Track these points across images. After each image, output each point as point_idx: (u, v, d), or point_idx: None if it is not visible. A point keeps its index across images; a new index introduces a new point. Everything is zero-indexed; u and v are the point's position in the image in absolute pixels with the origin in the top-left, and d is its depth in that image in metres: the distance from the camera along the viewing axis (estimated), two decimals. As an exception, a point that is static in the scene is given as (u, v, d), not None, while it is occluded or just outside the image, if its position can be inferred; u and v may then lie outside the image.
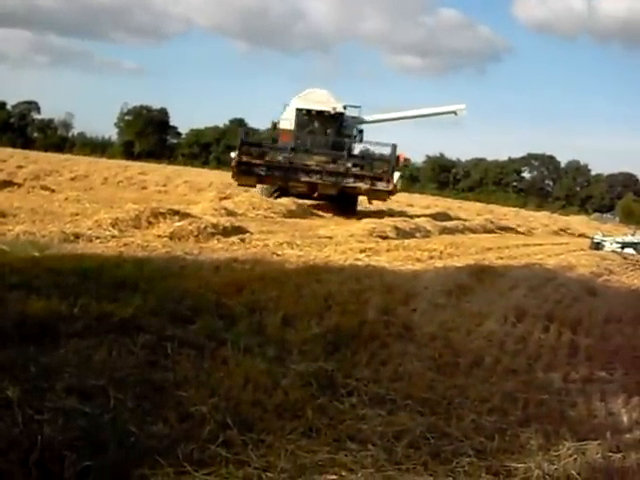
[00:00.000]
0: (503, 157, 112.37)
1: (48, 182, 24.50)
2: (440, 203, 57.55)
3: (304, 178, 26.35)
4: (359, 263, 11.95)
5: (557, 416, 5.26)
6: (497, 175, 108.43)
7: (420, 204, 49.24)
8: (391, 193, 27.40)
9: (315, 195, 27.44)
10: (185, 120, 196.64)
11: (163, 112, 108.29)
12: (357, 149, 30.12)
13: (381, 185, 26.23)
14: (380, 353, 6.35)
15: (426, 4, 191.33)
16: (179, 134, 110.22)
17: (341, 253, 13.18)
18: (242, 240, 13.34)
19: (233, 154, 27.23)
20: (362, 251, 13.82)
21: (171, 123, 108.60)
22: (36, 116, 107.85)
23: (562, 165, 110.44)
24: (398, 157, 27.29)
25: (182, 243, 12.05)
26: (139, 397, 4.53)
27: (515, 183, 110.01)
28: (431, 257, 14.38)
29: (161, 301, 6.91)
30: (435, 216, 31.19)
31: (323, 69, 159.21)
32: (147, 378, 4.87)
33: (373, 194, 27.44)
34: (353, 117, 30.19)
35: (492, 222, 33.92)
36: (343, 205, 27.45)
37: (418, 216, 28.99)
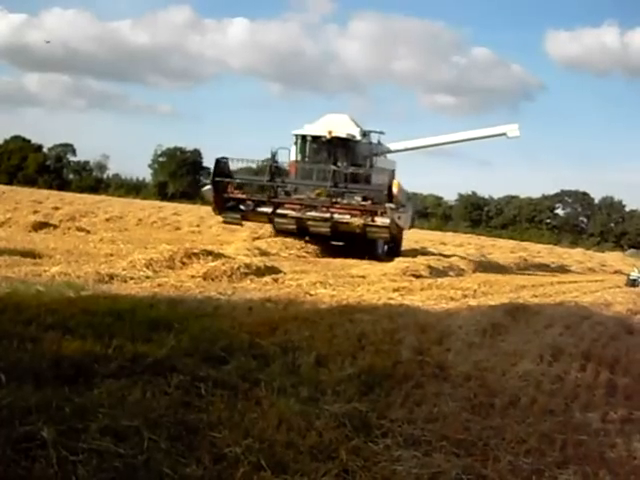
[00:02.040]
0: (536, 194, 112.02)
1: (83, 223, 24.77)
2: (473, 241, 57.40)
3: (292, 214, 23.52)
4: (392, 302, 11.89)
5: (596, 457, 5.17)
6: (530, 212, 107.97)
7: (453, 242, 49.14)
8: (394, 230, 23.63)
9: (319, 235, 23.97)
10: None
11: (196, 153, 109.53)
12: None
13: (380, 221, 22.53)
14: (414, 393, 6.30)
15: (459, 43, 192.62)
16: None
17: (374, 292, 13.14)
18: (275, 280, 13.35)
19: (206, 188, 25.50)
20: (395, 290, 13.77)
21: (204, 164, 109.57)
22: (72, 158, 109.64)
23: (596, 201, 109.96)
24: (390, 187, 22.72)
25: (215, 283, 12.08)
26: (173, 438, 4.53)
27: (549, 220, 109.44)
28: (465, 296, 14.28)
29: (195, 341, 6.93)
30: (468, 254, 31.07)
31: (358, 110, 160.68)
32: (181, 419, 4.87)
33: (372, 232, 22.96)
34: (372, 144, 26.68)
35: (526, 260, 33.73)
36: (358, 247, 23.43)
37: (451, 255, 28.87)
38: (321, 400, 5.71)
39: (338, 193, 23.28)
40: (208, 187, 25.09)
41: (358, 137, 25.55)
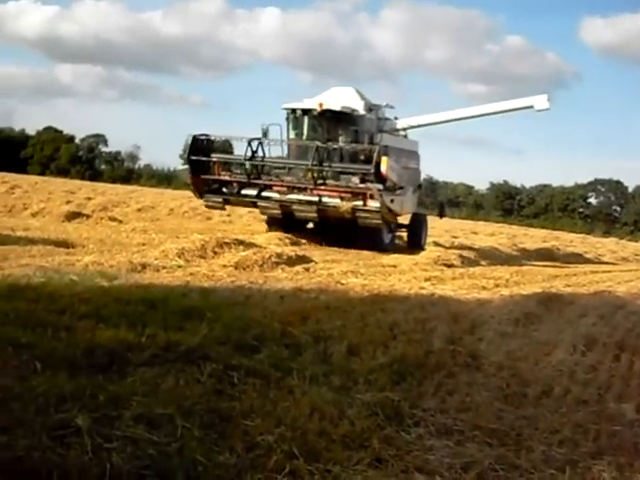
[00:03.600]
0: (569, 183, 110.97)
1: (116, 213, 24.94)
2: (505, 230, 57.03)
3: (276, 197, 21.11)
4: (424, 292, 11.86)
5: (630, 448, 5.11)
6: (563, 201, 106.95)
7: (485, 232, 48.86)
8: (388, 215, 20.60)
9: (309, 224, 22.21)
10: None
11: (227, 143, 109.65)
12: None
13: (371, 204, 19.63)
14: (447, 383, 6.28)
15: (492, 31, 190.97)
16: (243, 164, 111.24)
17: (406, 282, 13.11)
18: (306, 269, 13.36)
19: (182, 167, 23.61)
20: (427, 279, 13.74)
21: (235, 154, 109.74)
22: (104, 149, 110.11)
23: (630, 190, 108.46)
24: (379, 162, 19.38)
25: (247, 273, 12.11)
26: (206, 426, 4.56)
27: (581, 209, 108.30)
28: (497, 285, 14.21)
29: (227, 330, 6.96)
30: (500, 244, 30.90)
31: (389, 98, 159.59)
32: (214, 407, 4.90)
33: (363, 217, 20.03)
34: (381, 119, 23.57)
35: (558, 249, 33.47)
36: (361, 236, 21.24)
37: (483, 244, 28.72)
38: (353, 389, 5.72)
39: (325, 173, 20.62)
40: (184, 167, 22.98)
41: (362, 111, 22.47)
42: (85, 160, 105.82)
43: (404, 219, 24.64)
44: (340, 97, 22.64)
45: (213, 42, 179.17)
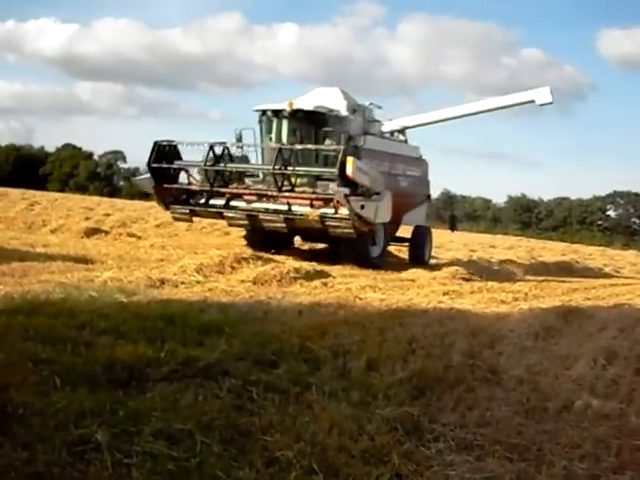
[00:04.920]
0: (587, 195, 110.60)
1: (134, 229, 25.02)
2: (523, 244, 56.82)
3: (243, 206, 19.12)
4: (442, 306, 11.82)
5: (653, 463, 5.07)
6: (581, 214, 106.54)
7: (503, 245, 48.66)
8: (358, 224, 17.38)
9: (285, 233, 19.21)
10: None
11: (245, 160, 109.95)
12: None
13: (343, 212, 17.27)
14: (466, 397, 6.25)
15: (509, 45, 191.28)
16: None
17: (424, 296, 13.08)
18: (324, 284, 13.36)
19: (143, 177, 21.32)
20: (445, 293, 13.70)
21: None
22: (122, 165, 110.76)
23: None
24: (344, 163, 16.96)
25: (265, 288, 12.12)
26: (225, 441, 4.56)
27: (600, 222, 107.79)
28: (516, 299, 14.15)
29: (246, 345, 6.97)
30: (519, 257, 30.79)
31: (406, 113, 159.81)
32: (233, 422, 4.90)
33: (332, 227, 17.69)
34: (369, 121, 21.47)
35: (577, 262, 33.31)
36: (345, 249, 19.22)
37: (501, 258, 28.62)
38: (372, 404, 5.71)
39: (296, 179, 18.52)
40: (145, 176, 20.93)
41: (344, 112, 20.39)
42: (104, 176, 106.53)
43: (406, 232, 23.41)
44: (323, 97, 20.97)
45: (231, 58, 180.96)
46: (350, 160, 16.92)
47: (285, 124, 20.40)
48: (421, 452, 4.83)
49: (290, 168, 18.01)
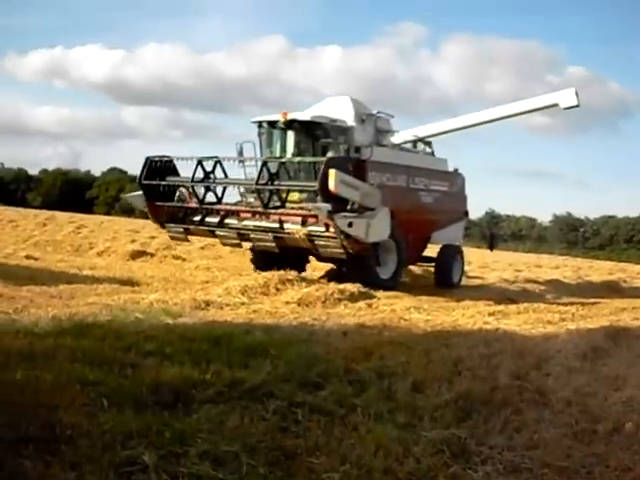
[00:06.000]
0: (634, 213, 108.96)
1: (179, 251, 25.19)
2: (569, 263, 56.13)
3: (234, 224, 17.65)
4: (488, 327, 11.71)
5: None
6: (628, 232, 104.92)
7: (549, 264, 48.13)
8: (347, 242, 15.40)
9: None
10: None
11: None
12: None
13: (330, 230, 15.64)
14: (514, 419, 6.17)
15: (553, 62, 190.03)
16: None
17: (469, 317, 12.96)
18: (369, 305, 13.33)
19: (134, 194, 19.97)
20: (491, 314, 13.54)
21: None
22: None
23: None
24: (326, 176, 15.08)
25: (310, 309, 12.13)
26: (271, 463, 4.55)
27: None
28: (563, 319, 13.94)
29: (291, 367, 6.98)
30: (565, 277, 30.45)
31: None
32: (278, 444, 4.89)
33: (322, 246, 16.11)
34: (380, 131, 19.91)
35: (625, 281, 32.82)
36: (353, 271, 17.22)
37: (548, 277, 28.32)
38: (418, 426, 5.66)
39: (285, 194, 16.73)
40: (136, 193, 19.71)
41: (350, 122, 18.88)
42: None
43: (431, 251, 21.69)
44: (331, 107, 19.49)
45: (275, 81, 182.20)
46: (332, 173, 15.09)
47: (282, 136, 19.16)
48: (468, 475, 4.78)
49: (277, 182, 16.49)
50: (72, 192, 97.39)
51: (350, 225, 15.26)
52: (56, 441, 4.47)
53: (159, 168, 18.66)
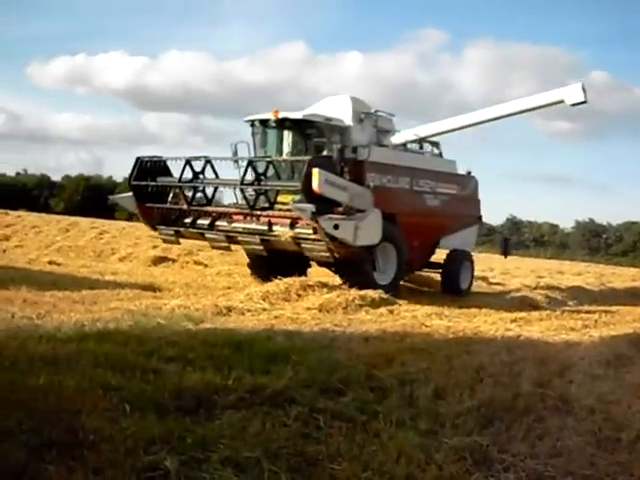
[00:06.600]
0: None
1: (200, 257, 25.19)
2: (592, 269, 55.73)
3: (223, 227, 17.07)
4: (510, 333, 11.65)
5: None
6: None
7: (571, 271, 47.81)
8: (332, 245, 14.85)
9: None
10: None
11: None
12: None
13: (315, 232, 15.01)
14: (536, 427, 6.13)
15: (575, 68, 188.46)
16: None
17: (491, 323, 12.90)
18: (390, 311, 13.30)
19: (123, 195, 19.52)
20: (513, 321, 13.49)
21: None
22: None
23: None
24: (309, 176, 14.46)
25: (331, 315, 12.13)
26: (293, 469, 4.55)
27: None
28: (585, 326, 13.85)
29: (312, 373, 6.98)
30: (588, 283, 30.24)
31: (471, 138, 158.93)
32: (300, 450, 4.89)
33: (308, 249, 15.53)
34: (381, 131, 19.14)
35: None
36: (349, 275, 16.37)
37: (570, 284, 28.13)
38: (440, 433, 5.64)
39: (273, 195, 16.24)
40: (125, 194, 19.19)
41: (348, 121, 18.17)
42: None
43: (438, 257, 20.84)
44: (330, 106, 18.72)
45: (296, 87, 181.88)
46: (316, 172, 14.48)
47: (276, 135, 18.36)
48: (490, 483, 4.76)
49: (263, 183, 16.02)
50: (94, 198, 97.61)
51: (336, 227, 14.73)
52: (79, 446, 4.50)
53: (150, 168, 18.14)
